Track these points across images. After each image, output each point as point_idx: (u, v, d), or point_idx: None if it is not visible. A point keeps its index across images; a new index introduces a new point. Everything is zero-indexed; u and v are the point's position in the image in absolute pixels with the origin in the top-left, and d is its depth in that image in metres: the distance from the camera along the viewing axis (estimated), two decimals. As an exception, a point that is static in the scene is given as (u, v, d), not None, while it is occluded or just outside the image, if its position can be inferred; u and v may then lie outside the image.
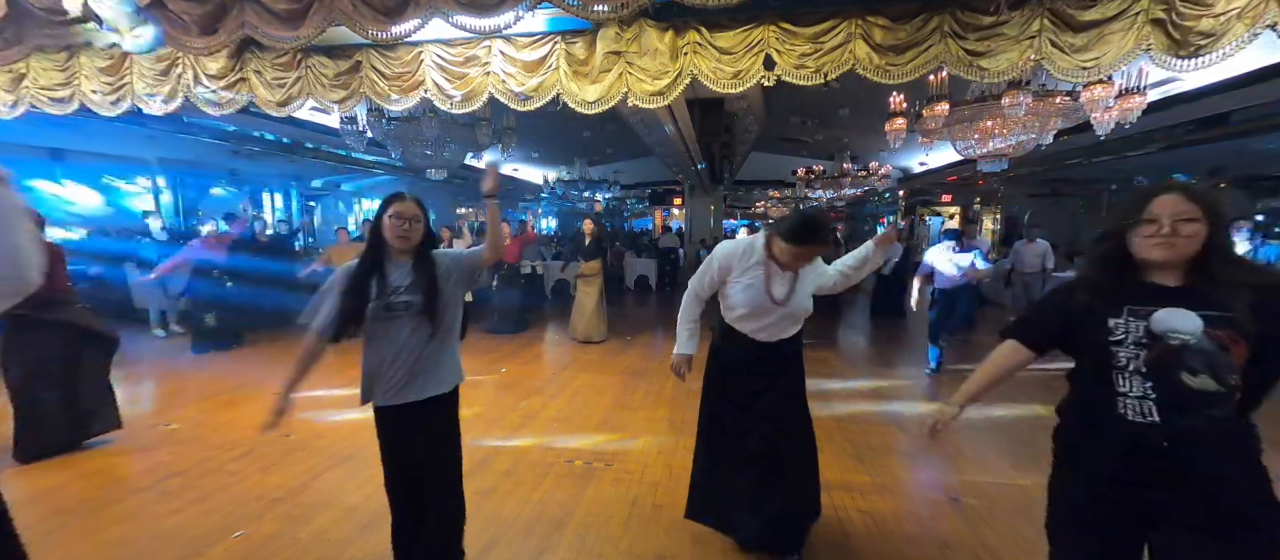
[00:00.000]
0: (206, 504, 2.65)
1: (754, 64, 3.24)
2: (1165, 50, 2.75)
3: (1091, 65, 2.89)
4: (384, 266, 1.76)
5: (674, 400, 4.24)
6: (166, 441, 3.47)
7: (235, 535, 2.38)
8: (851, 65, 3.13)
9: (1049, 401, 4.61)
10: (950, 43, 3.02)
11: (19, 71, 4.07)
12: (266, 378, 4.86)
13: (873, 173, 10.63)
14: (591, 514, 2.59)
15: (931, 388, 4.77)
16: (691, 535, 2.40)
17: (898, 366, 5.49)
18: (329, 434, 3.55)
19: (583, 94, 3.51)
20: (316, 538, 2.38)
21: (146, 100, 4.00)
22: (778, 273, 2.01)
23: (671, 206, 17.65)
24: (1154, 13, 2.73)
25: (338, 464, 3.11)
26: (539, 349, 6.18)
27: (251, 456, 3.21)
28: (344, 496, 2.73)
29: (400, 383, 1.76)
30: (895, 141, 5.76)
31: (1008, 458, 3.26)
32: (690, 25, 3.29)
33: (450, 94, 3.68)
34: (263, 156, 8.57)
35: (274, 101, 3.88)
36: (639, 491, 2.80)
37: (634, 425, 3.73)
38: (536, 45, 3.53)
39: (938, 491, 2.84)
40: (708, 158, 9.96)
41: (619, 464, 3.13)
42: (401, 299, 1.72)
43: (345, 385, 4.64)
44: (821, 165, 12.18)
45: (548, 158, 12.75)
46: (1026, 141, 4.73)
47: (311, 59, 3.80)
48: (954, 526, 2.48)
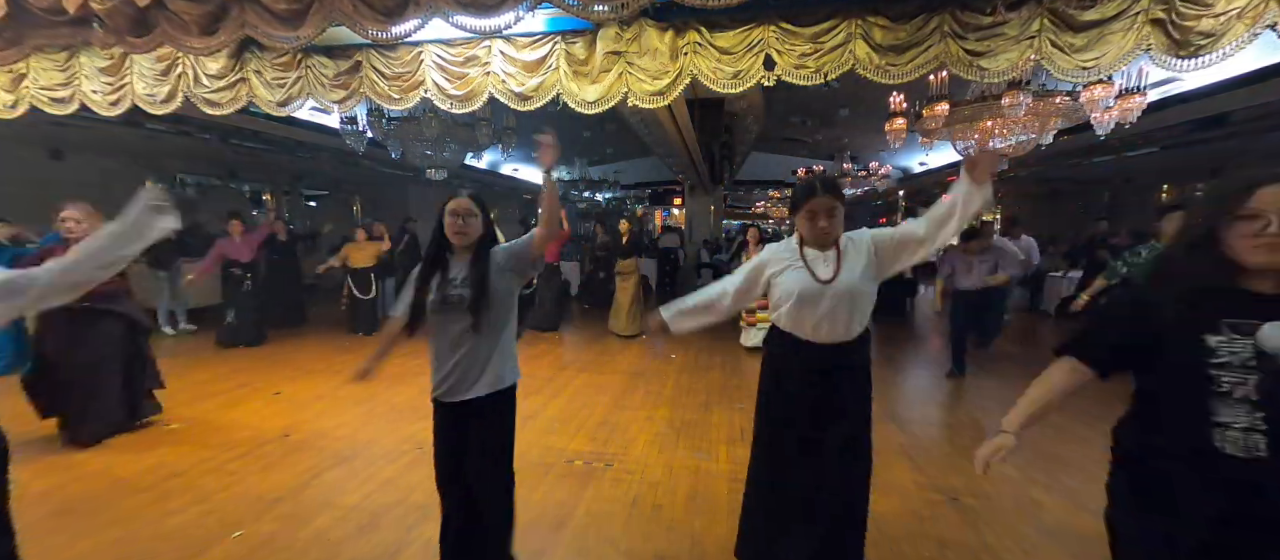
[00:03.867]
0: (206, 504, 2.65)
1: (754, 64, 3.24)
2: (1165, 50, 2.75)
3: (1091, 65, 2.89)
4: (446, 261, 1.82)
5: (674, 400, 4.24)
6: (166, 441, 3.46)
7: (235, 535, 2.38)
8: (851, 65, 3.13)
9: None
10: (950, 43, 3.02)
11: (19, 71, 4.07)
12: (271, 380, 4.85)
13: (873, 173, 10.65)
14: (591, 514, 2.59)
15: (943, 388, 4.77)
16: (691, 535, 2.40)
17: (898, 367, 5.49)
18: (329, 434, 3.55)
19: (583, 94, 3.51)
20: (316, 538, 2.38)
21: (146, 100, 4.00)
22: (816, 254, 1.82)
23: (671, 206, 17.65)
24: (1154, 13, 2.74)
25: (338, 464, 3.11)
26: (539, 349, 6.18)
27: (251, 456, 3.21)
28: (344, 496, 2.73)
29: (453, 379, 1.78)
30: (895, 141, 5.77)
31: (1008, 457, 3.25)
32: (690, 25, 3.29)
33: (450, 94, 3.68)
34: (263, 156, 8.58)
35: (274, 101, 3.89)
36: (639, 491, 2.80)
37: (634, 425, 3.73)
38: (536, 45, 3.53)
39: (938, 491, 2.84)
40: (708, 158, 9.97)
41: (619, 464, 3.13)
42: (455, 293, 1.75)
43: (346, 385, 4.64)
44: (821, 165, 12.19)
45: (548, 158, 12.75)
46: (1026, 141, 4.74)
47: (311, 59, 3.81)
48: (954, 526, 2.48)
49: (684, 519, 2.54)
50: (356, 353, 5.77)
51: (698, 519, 2.54)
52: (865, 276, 1.77)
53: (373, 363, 1.91)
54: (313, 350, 5.99)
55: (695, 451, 3.30)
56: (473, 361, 1.77)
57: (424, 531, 2.40)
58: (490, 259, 1.81)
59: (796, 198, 1.83)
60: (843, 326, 1.77)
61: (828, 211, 1.75)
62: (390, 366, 5.20)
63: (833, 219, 1.76)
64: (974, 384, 4.73)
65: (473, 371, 1.77)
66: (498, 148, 6.77)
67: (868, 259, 1.78)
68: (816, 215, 1.76)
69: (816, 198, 1.75)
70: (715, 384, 4.68)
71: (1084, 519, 2.56)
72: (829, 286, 1.75)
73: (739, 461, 3.15)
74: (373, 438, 3.47)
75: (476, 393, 1.77)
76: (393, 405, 4.10)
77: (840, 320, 1.77)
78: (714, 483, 2.90)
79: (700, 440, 3.47)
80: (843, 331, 1.78)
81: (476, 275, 1.75)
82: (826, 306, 1.75)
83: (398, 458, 3.16)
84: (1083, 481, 2.93)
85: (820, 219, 1.75)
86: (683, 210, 15.01)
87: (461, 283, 1.76)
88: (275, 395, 4.34)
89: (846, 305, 1.75)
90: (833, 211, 1.75)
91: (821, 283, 1.76)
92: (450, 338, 1.77)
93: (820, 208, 1.75)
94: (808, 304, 1.77)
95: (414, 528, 2.43)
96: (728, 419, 3.84)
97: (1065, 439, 3.51)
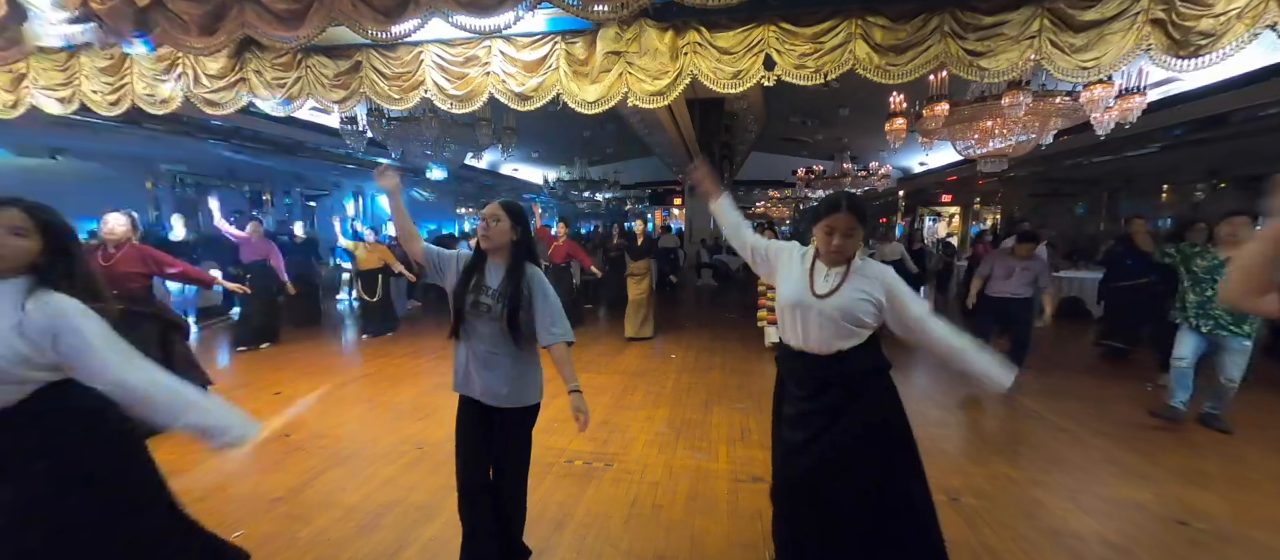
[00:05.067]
0: (206, 504, 2.65)
1: (754, 64, 3.24)
2: (1165, 50, 2.75)
3: (1091, 65, 2.89)
4: (485, 266, 1.88)
5: (674, 400, 4.24)
6: (166, 441, 3.45)
7: (235, 535, 2.38)
8: (851, 65, 3.13)
9: (1048, 400, 4.59)
10: (950, 43, 3.02)
11: (19, 71, 4.07)
12: (273, 381, 4.85)
13: (873, 173, 10.64)
14: (591, 514, 2.59)
15: (942, 387, 4.76)
16: (691, 535, 2.40)
17: (897, 365, 5.49)
18: (329, 434, 3.55)
19: (583, 94, 3.51)
20: (316, 538, 2.38)
21: (146, 100, 4.00)
22: (823, 268, 1.81)
23: (671, 207, 17.65)
24: (1154, 13, 2.74)
25: (338, 464, 3.11)
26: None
27: (251, 456, 3.21)
28: (344, 496, 2.73)
29: (470, 376, 1.87)
30: (895, 142, 5.76)
31: (1008, 458, 3.26)
32: (690, 25, 3.29)
33: (450, 94, 3.68)
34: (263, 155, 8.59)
35: (274, 101, 3.89)
36: (639, 491, 2.80)
37: (634, 425, 3.73)
38: (536, 45, 3.53)
39: (938, 491, 2.83)
40: (708, 158, 9.97)
41: (619, 464, 3.13)
42: (485, 299, 1.82)
43: (346, 385, 4.65)
44: (821, 165, 12.19)
45: (548, 158, 12.77)
46: (1026, 142, 4.73)
47: (311, 59, 3.81)
48: (954, 526, 2.48)
49: (684, 519, 2.54)
50: (359, 354, 5.78)
51: (698, 519, 2.54)
52: (862, 306, 1.73)
53: None
54: (316, 352, 5.99)
55: (695, 451, 3.30)
56: (493, 366, 1.85)
57: (424, 531, 2.40)
58: (527, 277, 1.85)
59: (820, 209, 1.80)
60: (830, 342, 1.76)
61: (846, 231, 1.72)
62: (390, 367, 5.19)
63: (848, 239, 1.73)
64: (974, 384, 4.72)
65: (492, 375, 1.85)
66: (498, 147, 6.78)
67: (876, 295, 1.74)
68: (834, 232, 1.74)
69: (839, 214, 1.72)
70: (715, 384, 4.68)
71: (1084, 519, 2.56)
72: (820, 301, 1.75)
73: (739, 461, 3.16)
74: (373, 438, 3.47)
75: (501, 403, 1.86)
76: (393, 405, 4.10)
77: (831, 333, 1.76)
78: (714, 483, 2.90)
79: (700, 440, 3.47)
80: (832, 344, 1.77)
81: (510, 289, 1.81)
82: (815, 320, 1.76)
83: (398, 458, 3.16)
84: (1083, 481, 2.93)
85: (836, 236, 1.73)
86: (683, 210, 15.01)
87: (494, 294, 1.82)
88: (276, 395, 4.34)
89: (833, 324, 1.74)
90: (851, 231, 1.72)
91: (815, 296, 1.76)
92: (474, 336, 1.85)
93: (839, 225, 1.72)
94: (799, 312, 1.80)
95: (414, 528, 2.43)
96: (728, 419, 3.84)
97: (1065, 439, 3.51)
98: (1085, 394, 4.45)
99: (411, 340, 6.53)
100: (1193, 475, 3.01)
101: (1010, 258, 4.60)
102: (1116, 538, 2.40)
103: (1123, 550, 2.32)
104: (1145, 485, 2.90)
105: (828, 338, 1.76)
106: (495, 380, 1.84)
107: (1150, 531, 2.48)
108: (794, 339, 1.84)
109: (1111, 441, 3.46)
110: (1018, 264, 4.54)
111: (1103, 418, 3.88)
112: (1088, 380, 4.91)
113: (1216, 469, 3.09)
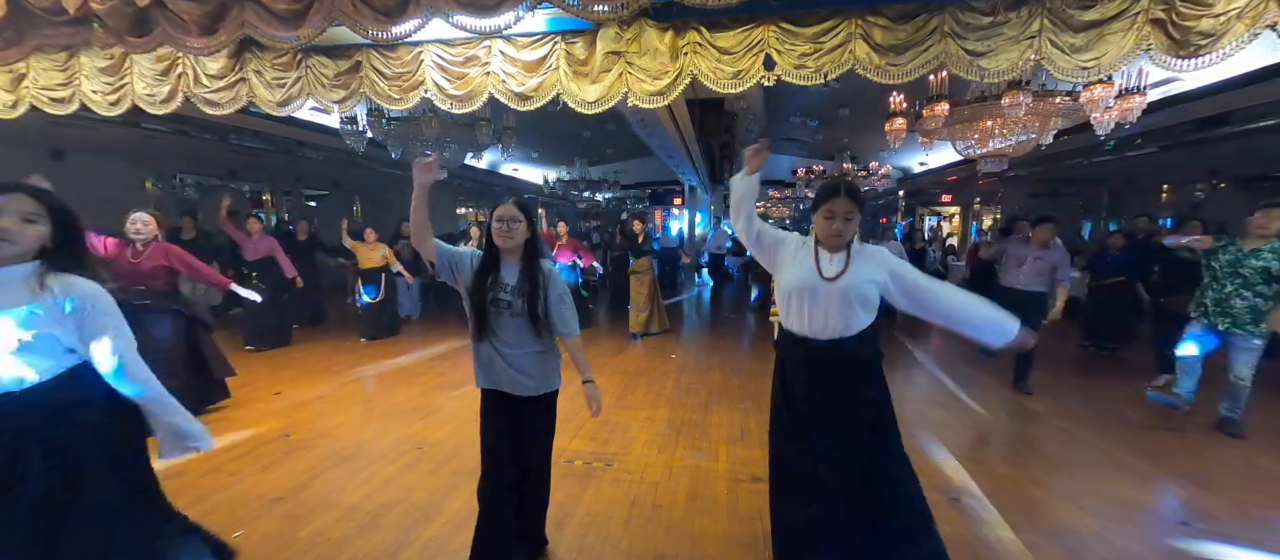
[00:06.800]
0: (206, 504, 2.65)
1: (754, 64, 3.24)
2: (1165, 50, 2.75)
3: (1091, 65, 2.89)
4: (499, 265, 1.94)
5: (674, 400, 4.24)
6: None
7: (235, 535, 2.38)
8: (851, 65, 3.12)
9: (1048, 400, 4.59)
10: (950, 43, 3.02)
11: (19, 71, 4.07)
12: (274, 381, 4.85)
13: (873, 173, 10.65)
14: (591, 514, 2.59)
15: (942, 387, 4.77)
16: (691, 535, 2.40)
17: (896, 365, 5.49)
18: (329, 434, 3.55)
19: (583, 94, 3.50)
20: (316, 538, 2.38)
21: (146, 100, 4.00)
22: (826, 253, 1.87)
23: (672, 207, 17.64)
24: (1154, 13, 2.73)
25: (338, 464, 3.11)
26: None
27: (251, 456, 3.21)
28: (344, 496, 2.73)
29: (495, 371, 1.95)
30: (895, 141, 5.76)
31: (1008, 458, 3.25)
32: (690, 25, 3.29)
33: (450, 94, 3.68)
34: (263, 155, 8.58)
35: (274, 101, 3.89)
36: (639, 491, 2.80)
37: (634, 425, 3.73)
38: (536, 45, 3.53)
39: (938, 491, 2.84)
40: (708, 158, 9.98)
41: (619, 464, 3.13)
42: (504, 296, 1.90)
43: (346, 386, 4.65)
44: (821, 165, 12.19)
45: (548, 158, 12.76)
46: (1026, 141, 4.73)
47: (311, 59, 3.80)
48: (954, 526, 2.48)
49: (684, 519, 2.54)
50: (360, 355, 5.77)
51: (698, 519, 2.55)
52: (868, 286, 1.81)
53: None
54: (318, 353, 5.98)
55: (695, 451, 3.30)
56: (512, 359, 1.92)
57: (424, 531, 2.40)
58: (542, 273, 1.94)
59: (819, 195, 1.89)
60: (840, 322, 1.82)
61: (845, 214, 1.82)
62: (390, 367, 5.19)
63: (848, 222, 1.82)
64: (974, 384, 4.73)
65: (512, 367, 1.92)
66: (498, 148, 6.77)
67: (879, 275, 1.83)
68: (833, 216, 1.83)
69: (837, 199, 1.82)
70: (715, 384, 4.68)
71: (1084, 519, 2.56)
72: (830, 283, 1.82)
73: (739, 461, 3.16)
74: (373, 438, 3.47)
75: (521, 392, 1.95)
76: (393, 405, 4.10)
77: (838, 316, 1.82)
78: (714, 483, 2.90)
79: (700, 440, 3.47)
80: (840, 328, 1.82)
81: (528, 286, 1.90)
82: (824, 301, 1.82)
83: (398, 458, 3.16)
84: (1083, 481, 2.94)
85: (836, 220, 1.82)
86: (682, 209, 15.01)
87: (512, 291, 1.90)
88: (276, 395, 4.34)
89: (845, 303, 1.80)
90: (850, 215, 1.82)
91: (825, 279, 1.83)
92: (494, 331, 1.91)
93: (838, 210, 1.82)
94: (807, 295, 1.84)
95: (414, 528, 2.43)
96: (728, 419, 3.84)
97: (1065, 440, 3.51)
98: (1085, 394, 4.45)
99: (412, 340, 6.54)
100: (1193, 475, 3.01)
101: (1027, 243, 4.26)
102: (1116, 538, 2.40)
103: (1123, 551, 2.32)
104: (1145, 485, 2.90)
105: (835, 319, 1.82)
106: (521, 372, 1.93)
107: (1150, 532, 2.48)
108: (798, 325, 1.89)
109: (1111, 441, 3.46)
110: (1031, 252, 4.17)
111: (1103, 418, 3.88)
112: (1088, 380, 4.91)
113: (1217, 469, 3.09)
